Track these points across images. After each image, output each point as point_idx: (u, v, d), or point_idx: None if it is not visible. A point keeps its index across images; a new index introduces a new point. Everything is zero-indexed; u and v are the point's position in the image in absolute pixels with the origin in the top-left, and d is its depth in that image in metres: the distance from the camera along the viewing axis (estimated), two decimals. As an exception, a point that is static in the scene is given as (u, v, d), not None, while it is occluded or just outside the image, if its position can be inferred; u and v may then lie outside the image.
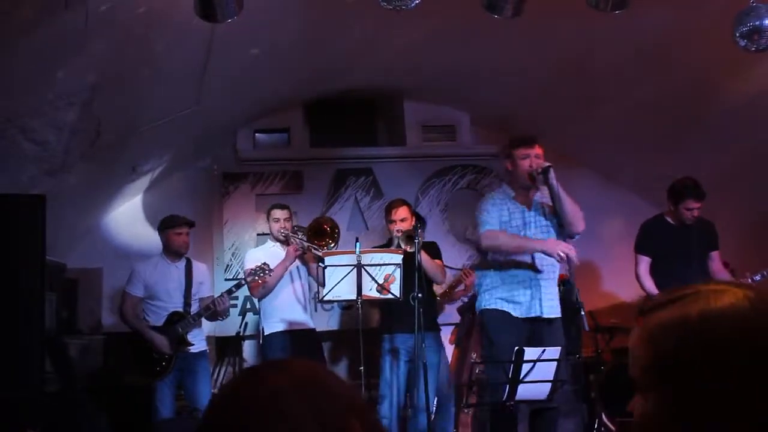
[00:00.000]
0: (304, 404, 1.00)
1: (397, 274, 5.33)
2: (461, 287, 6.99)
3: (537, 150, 4.97)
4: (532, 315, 4.90)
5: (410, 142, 8.03)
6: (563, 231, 4.98)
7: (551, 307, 4.92)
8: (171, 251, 6.00)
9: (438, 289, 6.45)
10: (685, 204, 5.71)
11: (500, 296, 5.01)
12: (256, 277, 5.86)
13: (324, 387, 1.04)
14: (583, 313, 4.58)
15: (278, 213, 6.18)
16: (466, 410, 6.42)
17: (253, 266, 5.94)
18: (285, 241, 6.11)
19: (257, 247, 6.64)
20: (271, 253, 6.15)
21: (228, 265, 7.49)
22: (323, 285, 5.39)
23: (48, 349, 5.38)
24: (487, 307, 5.06)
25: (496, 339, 4.95)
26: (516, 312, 4.94)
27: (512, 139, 5.16)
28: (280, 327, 6.07)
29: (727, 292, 1.17)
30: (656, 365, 1.17)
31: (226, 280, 7.28)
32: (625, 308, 7.19)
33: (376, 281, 5.29)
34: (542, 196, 5.04)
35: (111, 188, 7.20)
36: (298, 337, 6.06)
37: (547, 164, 4.84)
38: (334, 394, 1.04)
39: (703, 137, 6.68)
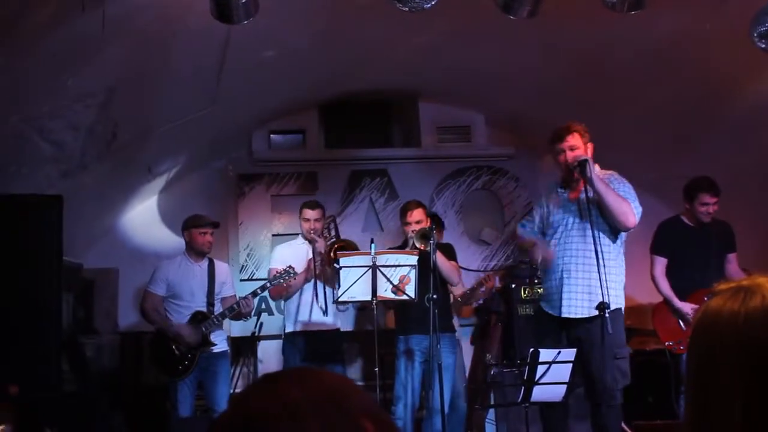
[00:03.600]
0: (318, 421, 0.99)
1: (412, 275, 5.33)
2: (483, 290, 6.99)
3: (570, 142, 4.81)
4: (562, 315, 4.81)
5: (425, 143, 8.02)
6: (607, 229, 4.79)
7: (576, 307, 4.76)
8: (194, 250, 5.99)
9: (457, 291, 6.45)
10: (701, 199, 5.66)
11: (544, 294, 5.05)
12: (281, 281, 5.85)
13: (341, 403, 1.03)
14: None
15: (308, 213, 6.12)
16: (482, 410, 6.42)
17: (279, 268, 5.93)
18: (312, 242, 6.08)
19: (285, 243, 6.54)
20: (299, 251, 6.14)
21: (243, 266, 7.51)
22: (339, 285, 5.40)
23: (65, 349, 5.42)
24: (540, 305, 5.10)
25: (537, 338, 4.99)
26: (551, 311, 4.90)
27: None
28: (297, 327, 6.07)
29: None
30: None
31: (241, 280, 7.29)
32: (641, 310, 7.14)
33: (391, 282, 5.29)
34: (590, 191, 4.72)
35: (127, 189, 7.24)
36: (315, 338, 6.06)
37: (583, 157, 4.67)
38: (351, 409, 1.03)
39: (721, 138, 6.64)
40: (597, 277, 4.58)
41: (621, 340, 4.71)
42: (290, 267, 5.86)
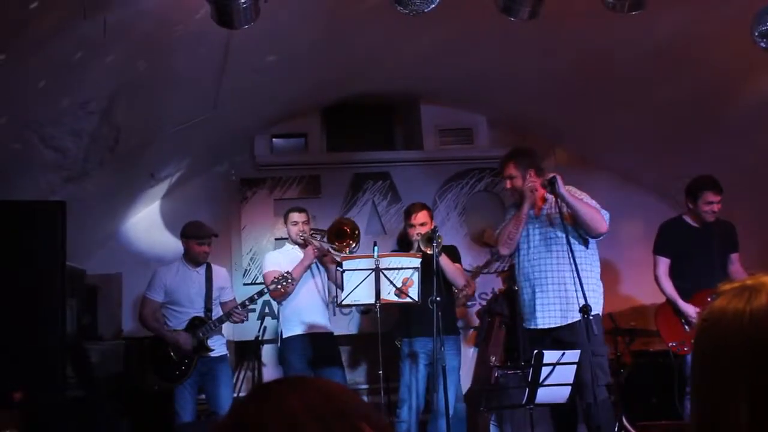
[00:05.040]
0: (318, 428, 0.99)
1: (416, 277, 5.33)
2: (464, 294, 6.98)
3: (507, 172, 5.23)
4: (539, 327, 5.09)
5: (427, 145, 8.02)
6: (577, 237, 5.05)
7: (551, 318, 5.03)
8: (191, 259, 6.03)
9: None
10: (705, 198, 5.65)
11: (521, 311, 5.34)
12: (278, 287, 5.87)
13: (340, 408, 1.03)
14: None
15: (296, 216, 6.18)
16: (486, 413, 6.41)
17: (274, 273, 5.95)
18: (304, 244, 6.12)
19: (276, 250, 6.58)
20: (291, 256, 6.16)
21: (246, 270, 7.51)
22: (342, 288, 5.40)
23: (69, 355, 5.43)
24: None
25: (525, 348, 5.14)
26: (528, 325, 5.19)
27: None
28: (298, 330, 6.08)
29: None
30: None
31: (244, 284, 7.30)
32: (644, 311, 7.15)
33: (394, 285, 5.29)
34: (551, 207, 5.12)
35: (130, 194, 7.25)
36: (316, 341, 6.07)
37: (552, 175, 4.94)
38: (353, 415, 1.03)
39: (723, 138, 6.63)
40: (567, 285, 4.91)
41: (600, 341, 4.93)
42: (288, 273, 5.87)
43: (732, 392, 1.18)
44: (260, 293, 5.96)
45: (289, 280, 5.83)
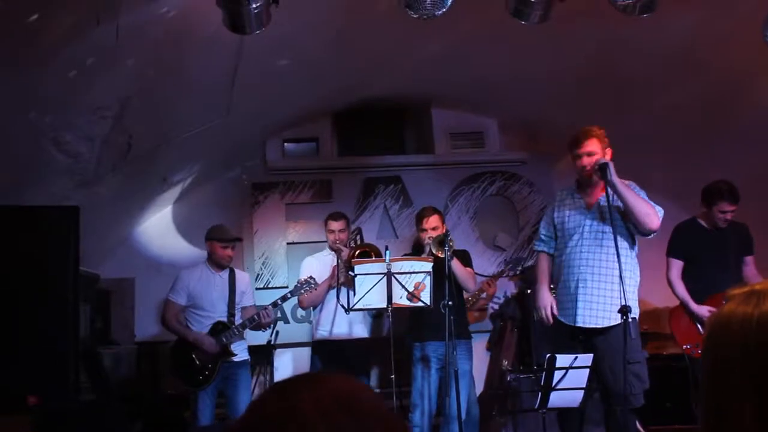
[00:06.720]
0: (325, 426, 0.99)
1: (427, 281, 5.32)
2: (483, 296, 7.01)
3: (587, 147, 4.77)
4: (577, 324, 4.77)
5: (439, 149, 8.02)
6: (625, 235, 4.77)
7: (593, 317, 4.72)
8: (214, 262, 6.04)
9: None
10: (720, 206, 5.64)
11: (557, 302, 4.97)
12: (302, 291, 5.94)
13: (351, 408, 1.03)
14: None
15: (333, 224, 6.26)
16: (499, 417, 6.40)
17: (301, 279, 6.02)
18: (338, 252, 6.16)
19: (313, 256, 6.56)
20: (325, 262, 6.28)
21: (258, 274, 7.52)
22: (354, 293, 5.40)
23: (83, 359, 5.44)
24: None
25: (553, 346, 4.89)
26: (564, 319, 4.86)
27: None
28: (325, 335, 6.15)
29: None
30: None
31: (257, 289, 7.30)
32: (657, 314, 7.11)
33: (406, 289, 5.29)
34: (611, 198, 4.70)
35: (142, 199, 7.27)
36: (340, 347, 6.10)
37: (604, 160, 4.65)
38: (365, 416, 1.03)
39: (735, 140, 6.60)
40: (614, 284, 4.56)
41: (637, 346, 4.68)
42: (310, 277, 5.93)
43: (740, 395, 1.18)
44: (284, 298, 5.98)
45: (312, 285, 5.90)
